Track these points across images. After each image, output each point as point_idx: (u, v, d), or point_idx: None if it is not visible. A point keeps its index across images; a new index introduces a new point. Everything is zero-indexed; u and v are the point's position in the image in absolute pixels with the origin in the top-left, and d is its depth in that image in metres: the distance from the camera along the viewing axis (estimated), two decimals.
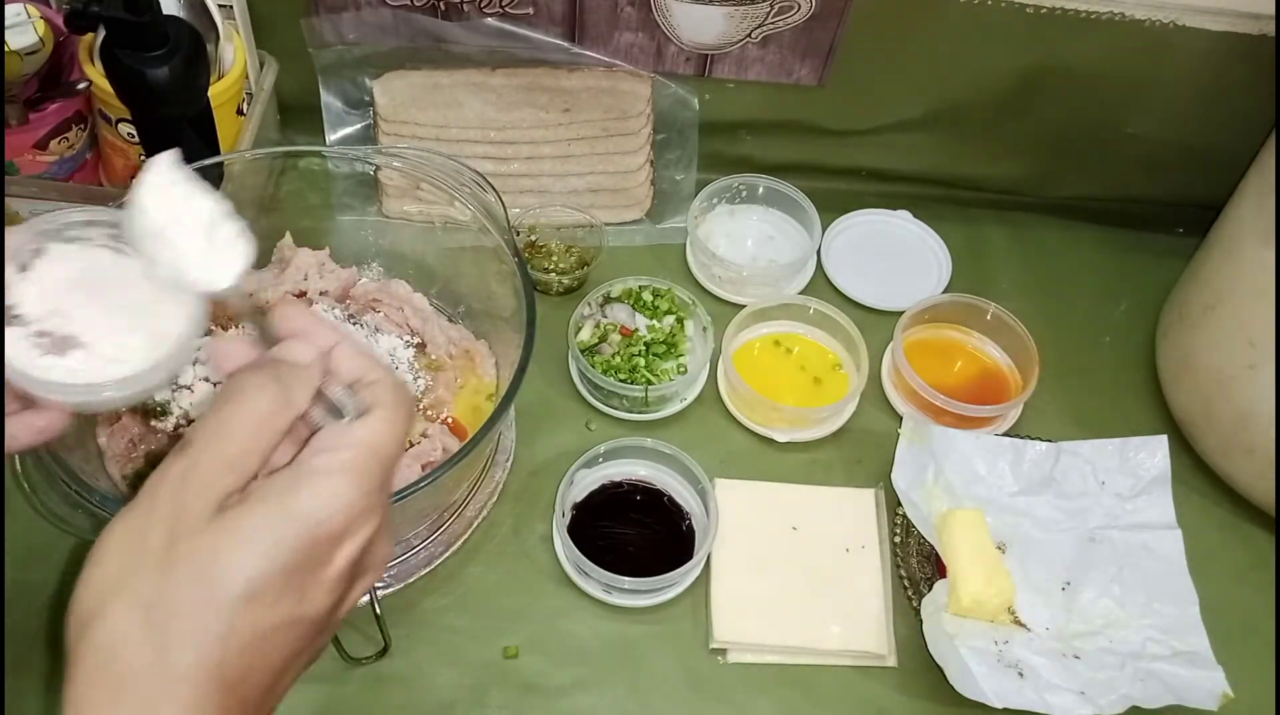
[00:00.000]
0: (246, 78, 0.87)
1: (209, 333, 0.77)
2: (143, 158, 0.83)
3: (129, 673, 0.35)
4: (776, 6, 0.88)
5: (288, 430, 0.40)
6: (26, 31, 0.77)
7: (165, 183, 0.42)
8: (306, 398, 0.40)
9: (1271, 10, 0.84)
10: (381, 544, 0.41)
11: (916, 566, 0.77)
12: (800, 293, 0.94)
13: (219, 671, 0.36)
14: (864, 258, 0.97)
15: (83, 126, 0.85)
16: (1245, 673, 0.72)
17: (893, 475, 0.78)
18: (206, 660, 0.35)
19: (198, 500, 0.37)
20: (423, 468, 0.71)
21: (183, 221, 0.42)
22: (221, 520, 0.37)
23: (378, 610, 0.71)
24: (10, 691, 0.68)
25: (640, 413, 0.84)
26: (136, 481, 0.71)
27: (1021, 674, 0.71)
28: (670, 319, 0.88)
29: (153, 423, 0.72)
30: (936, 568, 0.77)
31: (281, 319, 0.43)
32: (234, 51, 0.84)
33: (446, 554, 0.76)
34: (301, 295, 0.81)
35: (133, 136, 0.82)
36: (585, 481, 0.79)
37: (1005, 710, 0.69)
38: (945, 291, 0.95)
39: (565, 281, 0.91)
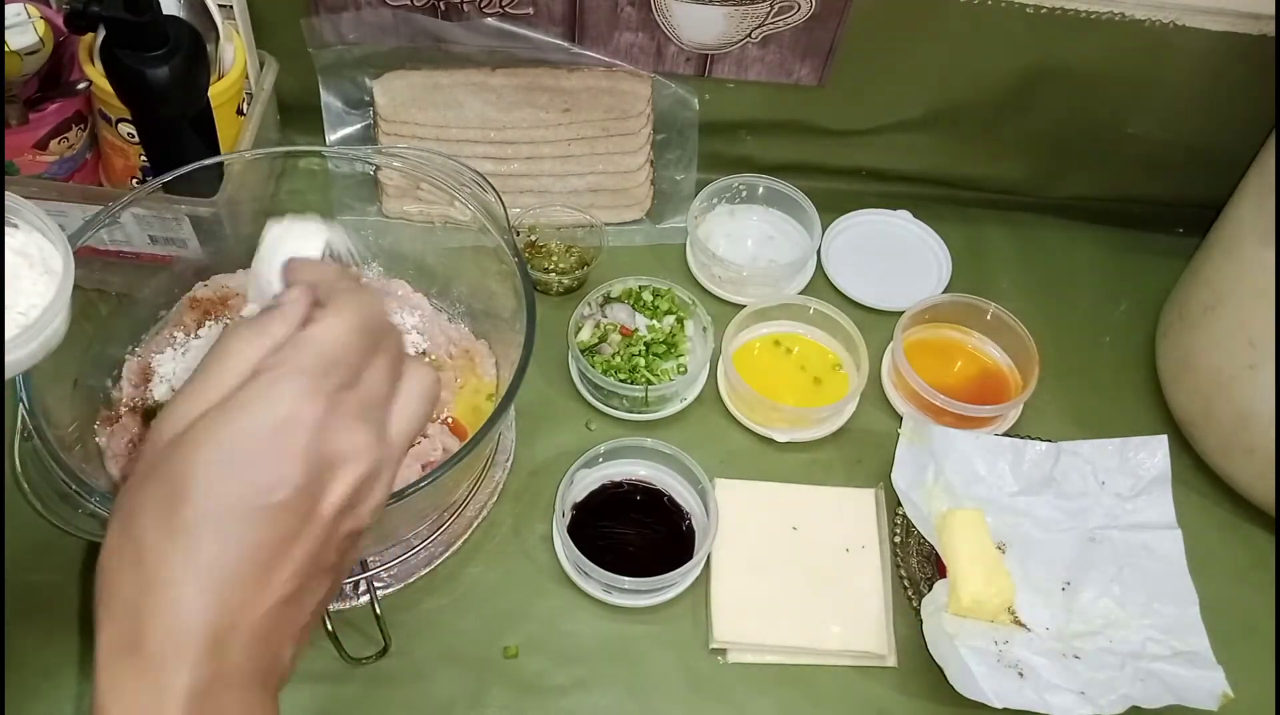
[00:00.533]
0: (246, 78, 0.87)
1: (196, 336, 0.77)
2: (142, 158, 0.83)
3: (122, 578, 0.38)
4: (776, 6, 0.88)
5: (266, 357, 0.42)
6: (26, 31, 0.77)
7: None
8: (284, 330, 0.42)
9: (1271, 10, 0.84)
10: (345, 432, 0.41)
11: (916, 566, 0.77)
12: (800, 293, 0.94)
13: (192, 557, 0.38)
14: (864, 258, 0.97)
15: (83, 126, 0.85)
16: (1245, 673, 0.72)
17: (893, 475, 0.78)
18: (179, 548, 0.38)
19: (169, 424, 0.41)
20: (423, 468, 0.71)
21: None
22: (184, 431, 0.40)
23: (378, 610, 0.71)
24: (9, 689, 0.68)
25: (640, 413, 0.85)
26: None
27: (1021, 674, 0.71)
28: (670, 319, 0.88)
29: (153, 423, 0.72)
30: (936, 568, 0.77)
31: (286, 273, 0.47)
32: (234, 51, 0.84)
33: (446, 554, 0.76)
34: None
35: (133, 136, 0.82)
36: (585, 481, 0.79)
37: (1005, 710, 0.69)
38: (945, 291, 0.95)
39: (565, 281, 0.91)
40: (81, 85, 0.81)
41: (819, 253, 0.96)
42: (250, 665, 0.39)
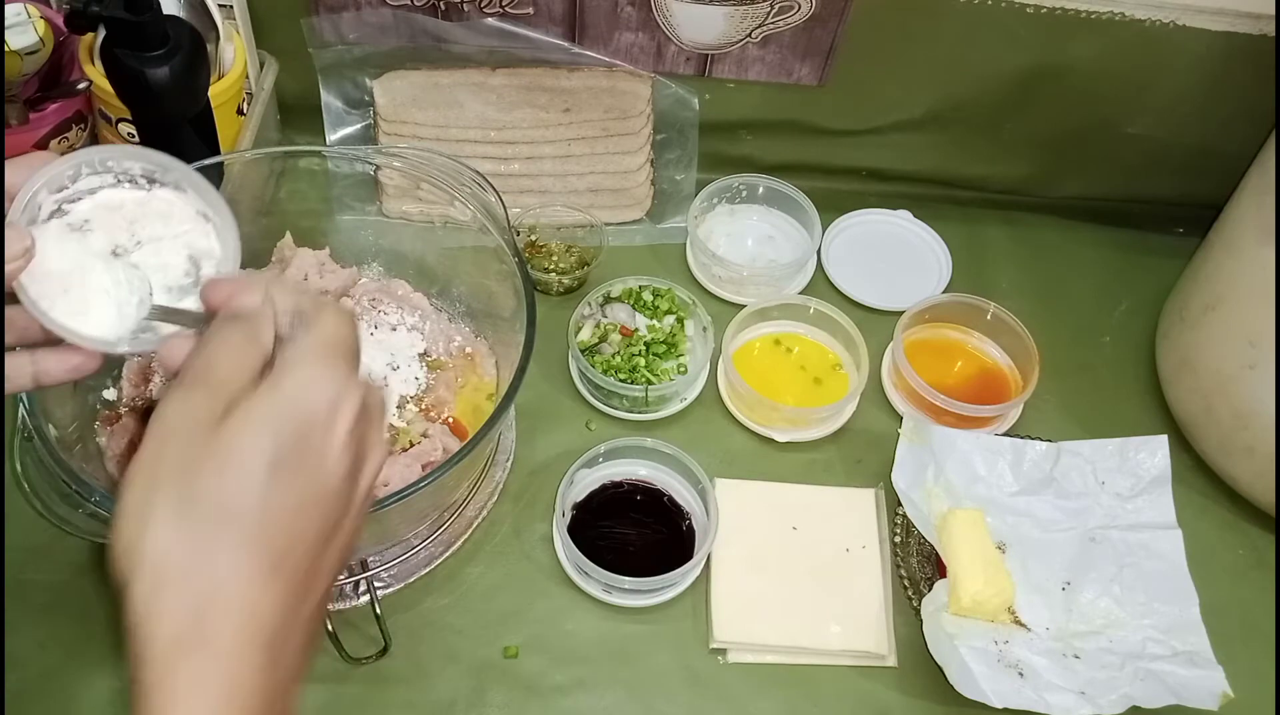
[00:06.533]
0: (246, 78, 0.87)
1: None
2: None
3: (181, 573, 0.37)
4: (776, 6, 0.88)
5: (261, 364, 0.42)
6: (26, 31, 0.77)
7: None
8: (270, 334, 0.43)
9: (1271, 10, 0.84)
10: (371, 428, 0.43)
11: (916, 566, 0.77)
12: (800, 293, 0.94)
13: (264, 548, 0.38)
14: (864, 258, 0.97)
15: (83, 126, 0.85)
16: (1245, 673, 0.72)
17: (893, 475, 0.78)
18: (250, 540, 0.38)
19: (199, 416, 0.39)
20: (423, 468, 0.71)
21: None
22: (225, 422, 0.39)
23: (378, 610, 0.71)
24: (9, 689, 0.68)
25: (640, 413, 0.85)
26: None
27: (1021, 674, 0.71)
28: (670, 319, 0.88)
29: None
30: (936, 568, 0.77)
31: (210, 292, 0.45)
32: (234, 51, 0.84)
33: (446, 554, 0.76)
34: None
35: (133, 136, 0.82)
36: (585, 481, 0.79)
37: (1005, 710, 0.69)
38: (945, 291, 0.95)
39: (565, 281, 0.91)
40: (81, 85, 0.81)
41: (819, 253, 0.96)
42: (299, 662, 0.39)
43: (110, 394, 0.74)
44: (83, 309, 0.47)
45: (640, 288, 0.89)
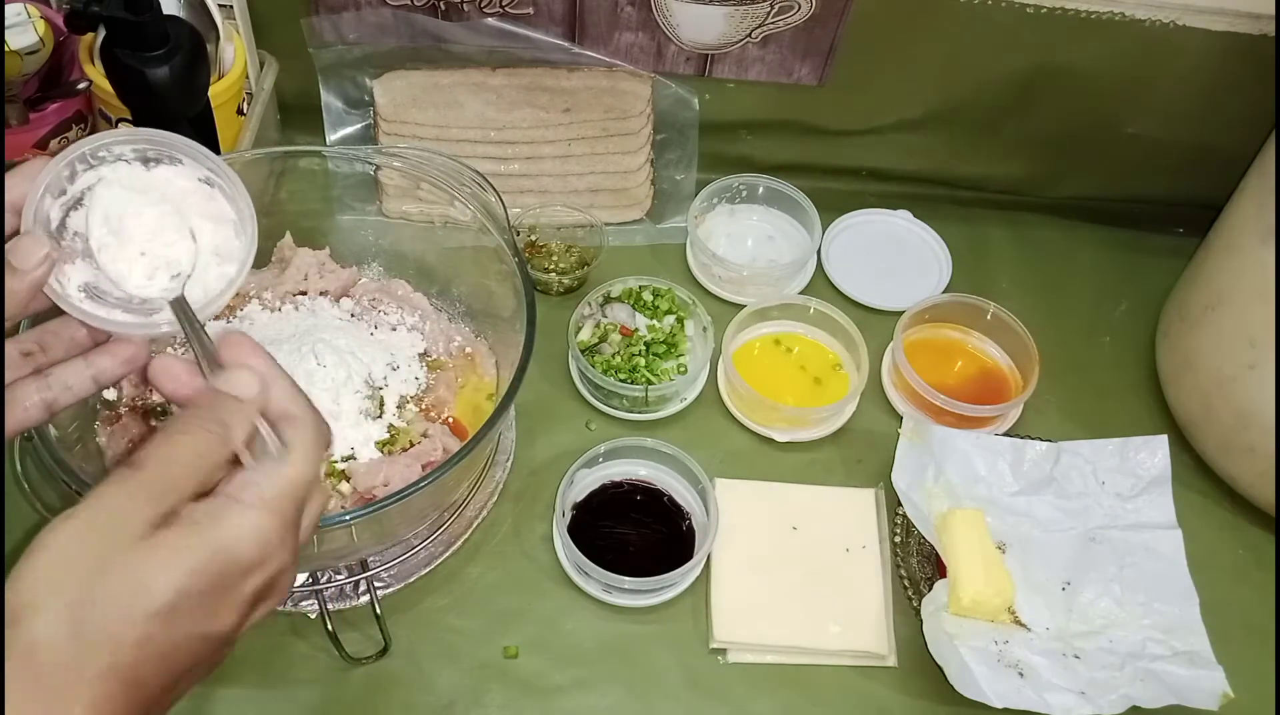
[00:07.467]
0: (246, 78, 0.87)
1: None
2: None
3: (48, 667, 0.37)
4: (776, 6, 0.88)
5: (219, 469, 0.43)
6: (26, 31, 0.77)
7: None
8: (244, 435, 0.44)
9: (1271, 10, 0.84)
10: (288, 574, 0.44)
11: (916, 566, 0.77)
12: (800, 293, 0.94)
13: (130, 673, 0.38)
14: (864, 258, 0.97)
15: (83, 126, 0.85)
16: (1245, 673, 0.72)
17: (893, 475, 0.78)
18: (120, 663, 0.38)
19: (137, 517, 0.40)
20: (423, 468, 0.71)
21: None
22: (154, 538, 0.40)
23: (378, 610, 0.71)
24: None
25: (640, 413, 0.85)
26: None
27: (1021, 674, 0.71)
28: (670, 319, 0.88)
29: (152, 422, 0.72)
30: (936, 568, 0.77)
31: (226, 347, 0.46)
32: (234, 51, 0.84)
33: (446, 554, 0.76)
34: (301, 295, 0.81)
35: None
36: (585, 481, 0.79)
37: (1005, 710, 0.69)
38: (945, 291, 0.95)
39: (565, 281, 0.91)
40: (81, 85, 0.81)
41: (819, 253, 0.96)
42: None
43: (110, 394, 0.74)
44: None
45: (640, 288, 0.89)
